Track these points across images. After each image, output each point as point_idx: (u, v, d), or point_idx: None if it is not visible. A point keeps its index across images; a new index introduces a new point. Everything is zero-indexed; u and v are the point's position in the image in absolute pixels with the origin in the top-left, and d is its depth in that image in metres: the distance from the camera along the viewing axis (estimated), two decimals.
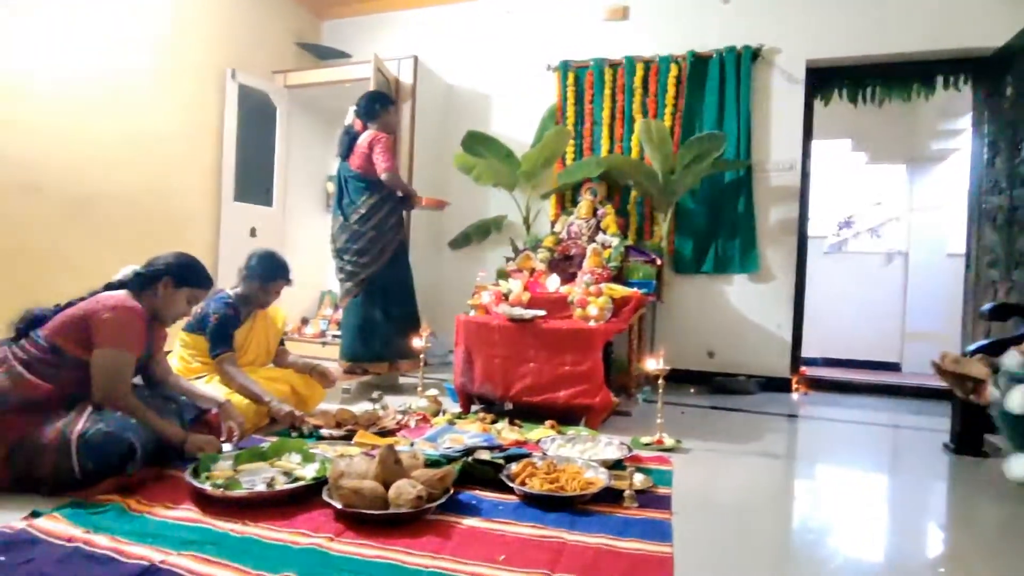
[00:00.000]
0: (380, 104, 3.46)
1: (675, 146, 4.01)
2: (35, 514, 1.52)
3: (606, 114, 4.36)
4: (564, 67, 4.46)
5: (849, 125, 5.34)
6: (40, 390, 1.75)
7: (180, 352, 2.61)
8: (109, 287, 2.00)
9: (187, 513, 1.59)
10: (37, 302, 1.94)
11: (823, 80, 4.15)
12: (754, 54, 4.04)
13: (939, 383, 2.37)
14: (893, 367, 5.45)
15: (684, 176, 3.82)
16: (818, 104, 4.22)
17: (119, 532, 1.45)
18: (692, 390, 3.89)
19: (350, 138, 3.44)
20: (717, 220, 4.12)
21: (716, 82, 4.09)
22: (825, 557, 1.58)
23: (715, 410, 3.36)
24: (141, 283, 2.01)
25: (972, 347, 2.41)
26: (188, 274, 2.10)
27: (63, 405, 1.78)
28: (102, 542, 1.40)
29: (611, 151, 4.31)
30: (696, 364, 4.12)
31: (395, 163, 3.39)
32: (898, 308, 5.57)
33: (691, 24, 4.22)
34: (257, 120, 4.60)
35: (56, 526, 1.47)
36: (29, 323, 1.85)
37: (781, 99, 4.05)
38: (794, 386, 4.01)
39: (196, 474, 1.75)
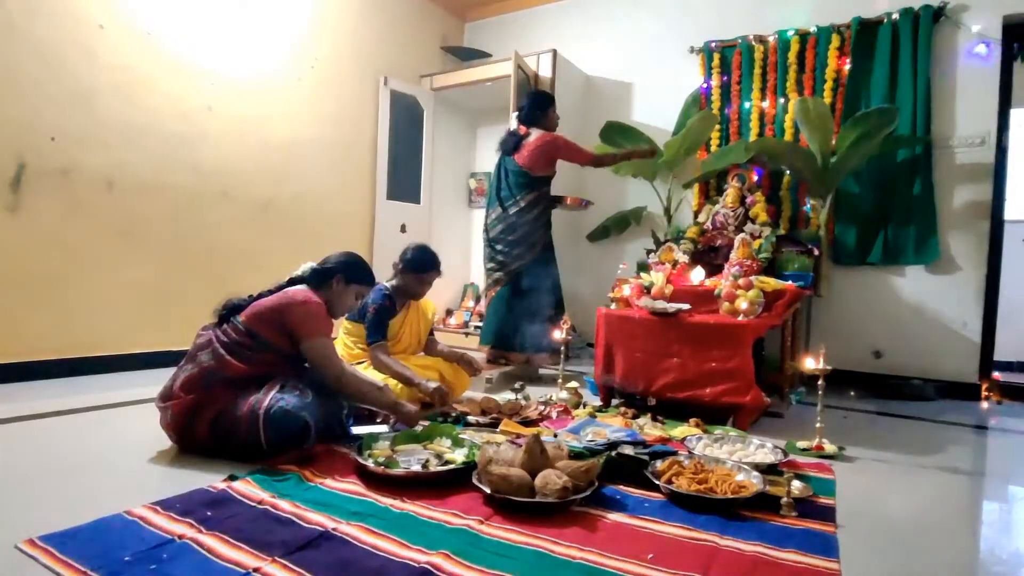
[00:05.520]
0: (540, 109, 3.59)
1: (836, 125, 3.66)
2: (232, 477, 1.75)
3: (755, 95, 4.09)
4: (708, 48, 4.25)
5: None
6: (236, 369, 2.00)
7: (343, 339, 2.86)
8: (292, 281, 2.24)
9: (353, 486, 1.74)
10: (233, 292, 2.21)
11: None
12: (935, 13, 3.57)
13: None
14: None
15: (847, 157, 3.47)
16: (1018, 67, 3.63)
17: (298, 499, 1.62)
18: (852, 393, 3.55)
19: (516, 138, 3.57)
20: (887, 205, 3.70)
21: (887, 50, 3.66)
22: None
23: (883, 416, 3.04)
24: (318, 279, 2.24)
25: None
26: (357, 272, 2.31)
27: (255, 383, 2.01)
28: (285, 507, 1.57)
29: (761, 134, 4.04)
30: (858, 365, 3.75)
31: (585, 149, 3.61)
32: None
33: None
34: (405, 122, 4.90)
35: (249, 489, 1.68)
36: (230, 310, 2.12)
37: (970, 64, 3.53)
38: (984, 393, 3.51)
39: (360, 452, 1.91)
